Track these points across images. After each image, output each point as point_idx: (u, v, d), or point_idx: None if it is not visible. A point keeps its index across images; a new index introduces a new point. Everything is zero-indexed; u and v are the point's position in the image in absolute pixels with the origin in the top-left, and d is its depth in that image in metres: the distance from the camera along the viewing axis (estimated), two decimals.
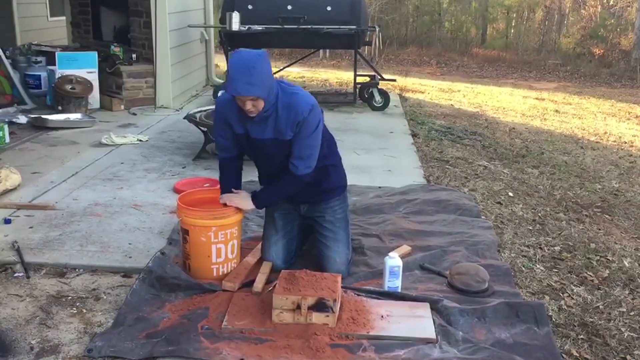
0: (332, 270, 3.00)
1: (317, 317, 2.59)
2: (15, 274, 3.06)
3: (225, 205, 3.05)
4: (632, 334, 2.81)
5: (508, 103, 9.97)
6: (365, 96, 7.72)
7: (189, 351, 2.42)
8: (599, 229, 4.30)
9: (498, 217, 4.18)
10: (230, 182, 3.14)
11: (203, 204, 3.17)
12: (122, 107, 7.04)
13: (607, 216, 4.63)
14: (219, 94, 7.51)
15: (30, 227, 3.61)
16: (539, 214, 4.39)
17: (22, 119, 6.17)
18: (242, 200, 3.05)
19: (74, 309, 2.77)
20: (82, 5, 8.38)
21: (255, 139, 2.93)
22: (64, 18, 9.50)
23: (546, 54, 16.63)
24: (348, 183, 3.33)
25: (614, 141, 7.67)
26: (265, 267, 3.05)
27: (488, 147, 6.44)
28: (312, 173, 2.96)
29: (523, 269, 3.39)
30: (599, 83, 13.69)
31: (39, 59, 7.41)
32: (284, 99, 2.85)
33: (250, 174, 4.69)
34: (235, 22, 6.97)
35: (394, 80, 8.65)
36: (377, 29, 7.98)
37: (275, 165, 3.01)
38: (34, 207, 3.93)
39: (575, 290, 3.20)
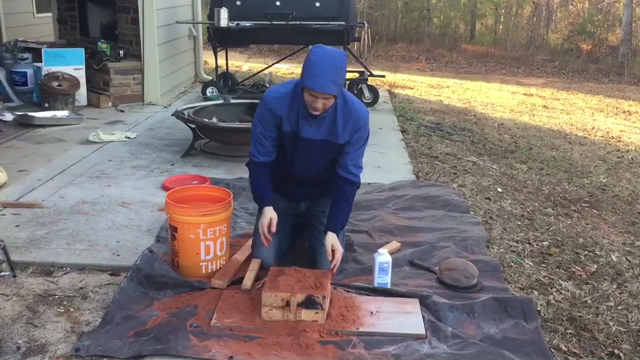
0: (325, 266, 2.99)
1: (306, 314, 2.58)
2: (2, 273, 3.03)
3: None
4: (619, 328, 2.83)
5: (497, 99, 10.01)
6: (354, 92, 7.71)
7: (177, 349, 2.41)
8: (587, 224, 4.32)
9: (487, 213, 4.19)
10: (268, 190, 2.99)
11: (192, 201, 3.16)
12: (110, 104, 6.99)
13: (595, 211, 4.66)
14: (208, 91, 7.48)
15: (17, 226, 3.58)
16: (528, 209, 4.41)
17: (8, 117, 6.09)
18: (338, 242, 2.92)
19: (61, 307, 2.75)
20: (69, 2, 8.29)
21: (305, 139, 2.91)
22: (50, 14, 9.41)
23: (534, 49, 16.72)
24: None
25: (602, 136, 7.72)
26: (255, 265, 3.03)
27: (477, 143, 6.46)
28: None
29: (512, 264, 3.41)
30: (587, 79, 13.78)
31: (25, 55, 7.32)
32: (341, 102, 2.87)
33: (239, 171, 4.70)
34: (224, 18, 6.94)
35: (383, 76, 8.66)
36: (365, 25, 7.99)
37: (315, 169, 3.01)
38: (20, 206, 3.89)
39: (563, 285, 3.22)
